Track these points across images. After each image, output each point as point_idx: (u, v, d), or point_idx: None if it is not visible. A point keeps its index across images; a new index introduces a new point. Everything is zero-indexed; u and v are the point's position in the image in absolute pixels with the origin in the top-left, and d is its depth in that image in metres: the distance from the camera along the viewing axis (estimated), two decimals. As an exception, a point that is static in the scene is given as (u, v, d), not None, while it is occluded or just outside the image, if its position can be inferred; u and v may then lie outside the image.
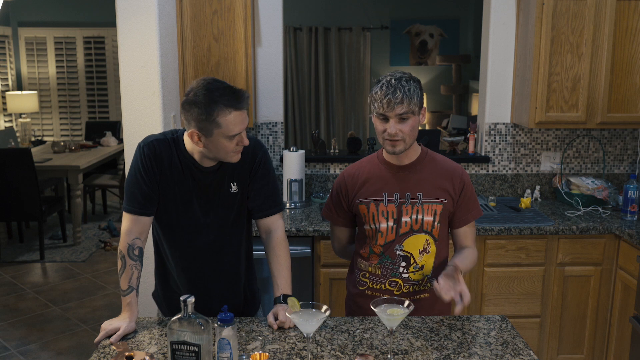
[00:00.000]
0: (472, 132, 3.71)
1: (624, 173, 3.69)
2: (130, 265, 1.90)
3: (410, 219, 2.00)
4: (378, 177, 2.04)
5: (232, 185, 1.97)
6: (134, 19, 2.74)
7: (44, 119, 7.61)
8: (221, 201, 1.97)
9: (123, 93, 2.81)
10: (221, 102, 1.75)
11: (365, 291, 2.09)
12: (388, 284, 2.05)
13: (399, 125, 1.88)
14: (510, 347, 1.80)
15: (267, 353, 1.72)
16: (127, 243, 1.91)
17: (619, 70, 3.21)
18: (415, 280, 2.04)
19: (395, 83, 1.87)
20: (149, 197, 1.92)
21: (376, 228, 2.02)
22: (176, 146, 1.92)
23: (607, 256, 3.13)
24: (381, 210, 2.01)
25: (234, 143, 1.81)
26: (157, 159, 1.91)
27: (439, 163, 2.06)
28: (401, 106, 1.86)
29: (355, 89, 7.80)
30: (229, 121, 1.76)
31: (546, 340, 3.20)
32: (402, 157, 2.00)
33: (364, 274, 2.09)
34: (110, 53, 7.50)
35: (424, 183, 2.01)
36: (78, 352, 3.68)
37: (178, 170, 1.92)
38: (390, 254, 2.03)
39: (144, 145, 1.93)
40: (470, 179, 2.11)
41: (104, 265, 5.21)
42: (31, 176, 5.11)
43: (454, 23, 7.80)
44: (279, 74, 3.59)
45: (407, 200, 2.00)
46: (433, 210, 2.00)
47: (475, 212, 2.08)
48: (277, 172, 3.65)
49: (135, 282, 1.90)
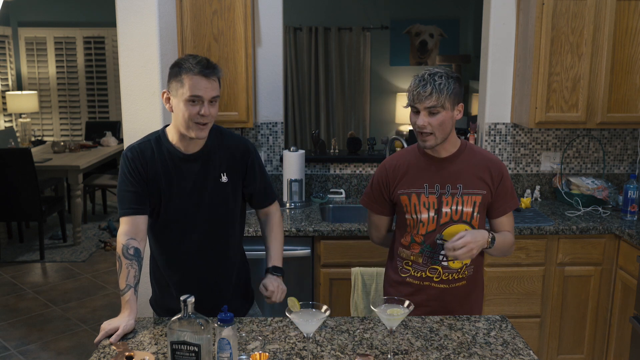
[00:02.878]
0: (472, 132, 3.71)
1: (624, 173, 3.69)
2: (125, 264, 1.91)
3: (450, 209, 2.05)
4: (419, 169, 2.10)
5: (222, 176, 2.02)
6: (134, 19, 2.74)
7: (44, 119, 7.61)
8: (211, 189, 2.01)
9: (123, 93, 2.81)
10: (191, 64, 1.89)
11: (406, 279, 2.15)
12: (429, 272, 2.10)
13: (427, 118, 1.96)
14: (510, 347, 1.80)
15: (267, 353, 1.72)
16: (121, 244, 1.93)
17: (619, 70, 3.21)
18: (455, 268, 2.09)
19: (428, 77, 1.94)
20: (139, 196, 1.96)
21: (417, 218, 2.07)
22: (159, 142, 1.99)
23: (607, 256, 3.13)
24: (422, 201, 2.07)
25: (196, 111, 1.88)
26: (141, 159, 1.97)
27: (478, 155, 2.11)
28: (430, 99, 1.93)
29: (355, 89, 7.79)
30: (191, 81, 1.87)
31: (546, 340, 3.20)
32: (441, 150, 2.06)
33: (407, 262, 2.14)
34: (110, 53, 7.50)
35: (463, 175, 2.06)
36: (78, 352, 3.68)
37: (164, 163, 1.98)
38: (431, 243, 2.08)
39: (126, 152, 2.00)
40: (508, 171, 2.17)
41: (104, 265, 5.21)
42: (31, 176, 5.11)
43: (454, 23, 7.79)
44: (279, 74, 3.59)
45: (447, 192, 2.06)
46: (472, 201, 2.06)
47: (513, 202, 2.14)
48: (277, 172, 3.66)
49: (132, 280, 1.90)
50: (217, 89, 1.93)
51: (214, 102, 1.93)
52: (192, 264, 2.05)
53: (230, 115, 3.19)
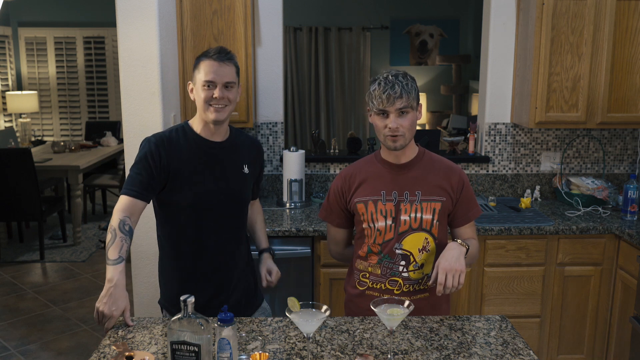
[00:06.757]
0: (472, 132, 3.71)
1: (624, 173, 3.69)
2: (120, 238, 1.92)
3: (409, 217, 2.00)
4: (376, 176, 2.05)
5: (244, 167, 2.14)
6: (134, 19, 2.74)
7: (44, 119, 7.61)
8: (233, 177, 2.10)
9: (123, 93, 2.81)
10: (207, 53, 2.02)
11: (365, 291, 2.09)
12: (388, 284, 2.05)
13: (399, 120, 1.92)
14: (510, 347, 1.80)
15: (267, 353, 1.72)
16: (119, 218, 1.94)
17: (619, 70, 3.21)
18: (415, 279, 2.04)
19: (393, 79, 1.92)
20: (150, 184, 1.99)
21: (374, 227, 2.03)
22: (184, 132, 2.07)
23: (607, 256, 3.13)
24: (379, 208, 2.02)
25: (210, 94, 1.99)
26: (166, 144, 2.02)
27: (437, 162, 2.07)
28: (400, 100, 1.90)
29: (355, 89, 7.80)
30: (205, 65, 1.99)
31: (546, 340, 3.20)
32: (400, 156, 2.02)
33: (364, 274, 2.09)
34: (110, 53, 7.50)
35: (422, 181, 2.02)
36: (78, 352, 3.68)
37: (188, 151, 2.04)
38: (389, 253, 2.03)
39: (152, 136, 2.05)
40: (468, 178, 2.11)
41: (104, 265, 5.17)
42: (31, 176, 5.11)
43: (454, 23, 7.80)
44: (279, 74, 3.59)
45: (405, 199, 2.01)
46: (432, 208, 2.01)
47: (475, 211, 2.09)
48: (277, 172, 3.66)
49: (124, 253, 1.92)
50: (231, 74, 2.01)
51: (229, 87, 2.01)
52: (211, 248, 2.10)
53: (231, 115, 3.18)
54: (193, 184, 2.03)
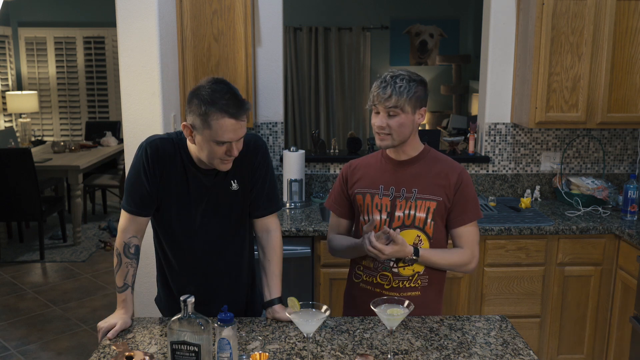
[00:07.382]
0: (472, 132, 3.71)
1: (624, 173, 3.69)
2: (125, 263, 1.91)
3: (403, 213, 2.02)
4: (377, 170, 2.09)
5: (232, 183, 1.95)
6: (134, 19, 2.74)
7: (44, 119, 7.61)
8: (221, 201, 1.96)
9: (123, 93, 2.81)
10: (219, 104, 1.73)
11: (359, 284, 2.12)
12: (379, 277, 2.06)
13: (387, 119, 1.95)
14: (510, 347, 1.80)
15: (267, 353, 1.72)
16: (123, 241, 1.92)
17: (619, 70, 3.21)
18: (405, 275, 2.04)
19: (390, 80, 1.94)
20: (148, 199, 1.91)
21: (370, 220, 2.05)
22: (181, 147, 1.91)
23: (607, 256, 3.13)
24: (376, 202, 2.05)
25: (222, 151, 1.79)
26: (160, 159, 1.89)
27: (439, 162, 2.07)
28: (389, 101, 1.92)
29: (355, 89, 7.80)
30: (221, 126, 1.74)
31: (546, 340, 3.20)
32: (401, 153, 2.05)
33: (359, 267, 2.12)
34: (110, 53, 7.50)
35: (420, 179, 2.03)
36: (78, 352, 3.68)
37: (179, 171, 1.91)
38: None
39: (146, 145, 1.90)
40: (471, 180, 2.10)
41: (103, 265, 5.21)
42: (31, 176, 5.11)
43: (454, 23, 7.80)
44: (279, 74, 3.59)
45: (401, 195, 2.03)
46: (426, 207, 2.01)
47: (472, 214, 2.03)
48: (277, 172, 3.65)
49: (130, 279, 1.91)
50: (245, 126, 1.80)
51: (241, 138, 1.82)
52: (200, 270, 2.02)
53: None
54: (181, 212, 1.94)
